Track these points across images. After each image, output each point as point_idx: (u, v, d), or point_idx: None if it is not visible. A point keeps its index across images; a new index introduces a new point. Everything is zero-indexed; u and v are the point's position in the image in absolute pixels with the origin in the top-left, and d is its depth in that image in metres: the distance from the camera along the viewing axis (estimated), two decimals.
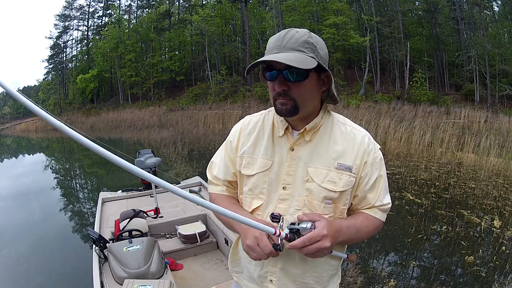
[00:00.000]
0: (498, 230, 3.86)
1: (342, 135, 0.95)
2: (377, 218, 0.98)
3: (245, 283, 1.06)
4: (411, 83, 16.11)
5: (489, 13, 18.83)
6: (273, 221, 0.85)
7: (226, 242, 2.61)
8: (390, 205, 0.99)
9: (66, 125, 0.57)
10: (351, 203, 0.99)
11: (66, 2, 33.80)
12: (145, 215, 2.90)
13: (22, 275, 3.35)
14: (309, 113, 0.93)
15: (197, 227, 2.79)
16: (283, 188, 0.94)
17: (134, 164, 0.56)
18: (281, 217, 0.85)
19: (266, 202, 0.96)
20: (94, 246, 2.28)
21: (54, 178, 9.23)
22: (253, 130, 1.02)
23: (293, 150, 0.94)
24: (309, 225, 0.83)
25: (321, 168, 0.92)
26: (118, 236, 2.51)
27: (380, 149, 1.00)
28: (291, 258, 0.93)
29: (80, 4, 34.61)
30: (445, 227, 4.01)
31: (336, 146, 0.93)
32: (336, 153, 0.93)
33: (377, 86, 17.70)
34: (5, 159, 14.90)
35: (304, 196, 0.92)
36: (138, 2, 32.44)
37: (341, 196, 0.93)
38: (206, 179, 1.21)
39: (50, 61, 36.92)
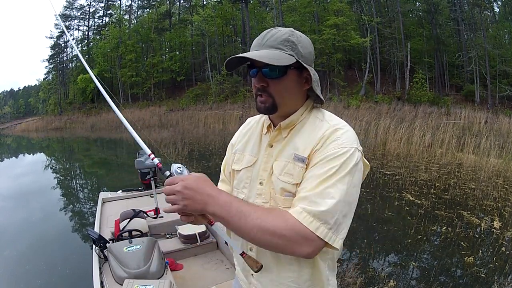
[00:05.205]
0: (498, 231, 3.86)
1: (310, 128, 0.91)
2: (294, 219, 0.78)
3: (241, 277, 1.08)
4: (411, 83, 16.14)
5: (489, 14, 18.84)
6: None
7: (226, 242, 2.61)
8: (330, 215, 0.77)
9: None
10: None
11: (67, 2, 33.91)
12: (145, 215, 2.91)
13: (22, 275, 3.35)
14: (290, 111, 0.93)
15: (197, 227, 2.78)
16: (260, 183, 0.96)
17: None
18: None
19: (247, 196, 0.98)
20: (94, 246, 2.28)
21: (54, 178, 9.22)
22: (249, 130, 1.07)
23: (271, 146, 0.96)
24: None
25: (282, 161, 0.91)
26: (118, 236, 2.51)
27: (360, 150, 0.85)
28: (262, 257, 0.93)
29: (81, 4, 34.66)
30: (445, 228, 4.01)
31: (301, 139, 0.90)
32: (296, 144, 0.90)
33: (378, 86, 17.71)
34: (5, 159, 14.91)
35: (270, 189, 0.93)
36: (139, 2, 32.54)
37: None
38: None
39: (51, 61, 37.02)
